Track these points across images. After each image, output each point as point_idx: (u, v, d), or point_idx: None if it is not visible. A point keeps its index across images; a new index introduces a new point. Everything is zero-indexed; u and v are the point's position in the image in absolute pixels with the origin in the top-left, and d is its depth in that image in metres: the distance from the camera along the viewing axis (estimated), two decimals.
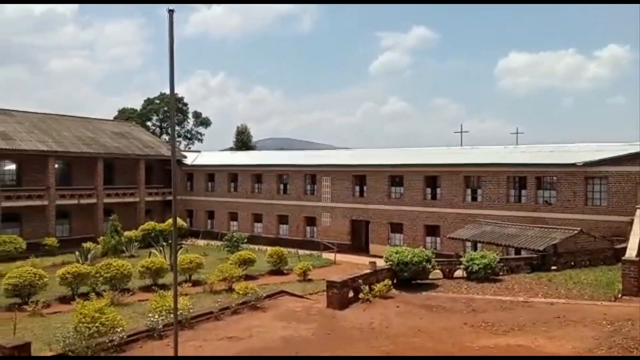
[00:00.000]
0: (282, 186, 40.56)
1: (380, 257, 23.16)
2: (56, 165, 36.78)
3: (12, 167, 36.64)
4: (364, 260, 27.37)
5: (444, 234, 30.94)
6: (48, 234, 34.42)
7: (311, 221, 38.20)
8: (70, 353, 12.34)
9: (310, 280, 23.80)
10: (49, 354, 12.48)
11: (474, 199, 31.53)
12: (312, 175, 38.66)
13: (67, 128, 40.73)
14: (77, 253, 27.63)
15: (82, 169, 39.04)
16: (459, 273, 22.20)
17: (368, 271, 19.84)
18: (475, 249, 26.83)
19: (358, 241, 36.24)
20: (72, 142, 38.52)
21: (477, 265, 20.83)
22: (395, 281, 20.41)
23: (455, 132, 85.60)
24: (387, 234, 34.30)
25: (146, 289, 21.28)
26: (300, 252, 31.94)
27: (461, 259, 22.36)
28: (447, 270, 22.40)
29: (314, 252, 32.62)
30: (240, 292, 18.27)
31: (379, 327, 15.36)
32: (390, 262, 20.57)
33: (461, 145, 50.80)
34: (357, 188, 36.45)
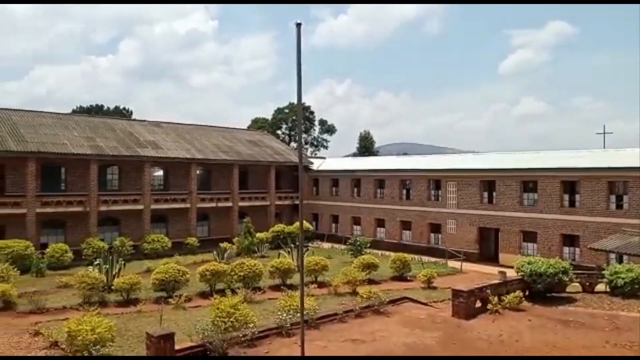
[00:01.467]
0: (404, 191, 40.16)
1: (511, 267, 22.00)
2: (197, 172, 40.04)
3: (160, 173, 40.67)
4: (493, 270, 26.17)
5: (584, 245, 28.44)
6: (190, 234, 37.50)
7: (436, 228, 37.33)
8: (207, 344, 13.44)
9: (434, 288, 23.29)
10: (190, 344, 13.69)
11: (619, 206, 28.56)
12: (436, 180, 37.81)
13: (207, 137, 44.28)
14: (214, 252, 29.79)
15: (219, 174, 42.16)
16: (600, 287, 20.48)
17: (497, 281, 19.08)
18: (620, 261, 24.35)
19: (486, 250, 34.66)
20: (211, 150, 41.78)
21: (623, 279, 19.08)
22: (527, 293, 19.41)
23: (598, 134, 77.90)
24: (519, 243, 32.38)
25: (275, 288, 22.30)
26: (424, 259, 31.38)
27: (604, 272, 20.56)
28: (587, 283, 20.76)
29: (439, 260, 31.81)
30: (364, 296, 18.52)
31: (509, 340, 14.63)
32: (522, 273, 19.60)
33: (604, 147, 46.27)
34: (486, 194, 34.89)
